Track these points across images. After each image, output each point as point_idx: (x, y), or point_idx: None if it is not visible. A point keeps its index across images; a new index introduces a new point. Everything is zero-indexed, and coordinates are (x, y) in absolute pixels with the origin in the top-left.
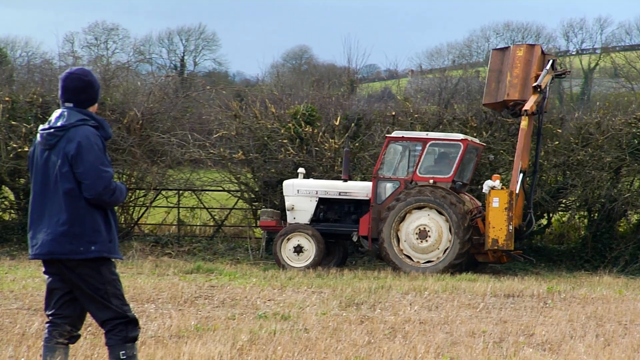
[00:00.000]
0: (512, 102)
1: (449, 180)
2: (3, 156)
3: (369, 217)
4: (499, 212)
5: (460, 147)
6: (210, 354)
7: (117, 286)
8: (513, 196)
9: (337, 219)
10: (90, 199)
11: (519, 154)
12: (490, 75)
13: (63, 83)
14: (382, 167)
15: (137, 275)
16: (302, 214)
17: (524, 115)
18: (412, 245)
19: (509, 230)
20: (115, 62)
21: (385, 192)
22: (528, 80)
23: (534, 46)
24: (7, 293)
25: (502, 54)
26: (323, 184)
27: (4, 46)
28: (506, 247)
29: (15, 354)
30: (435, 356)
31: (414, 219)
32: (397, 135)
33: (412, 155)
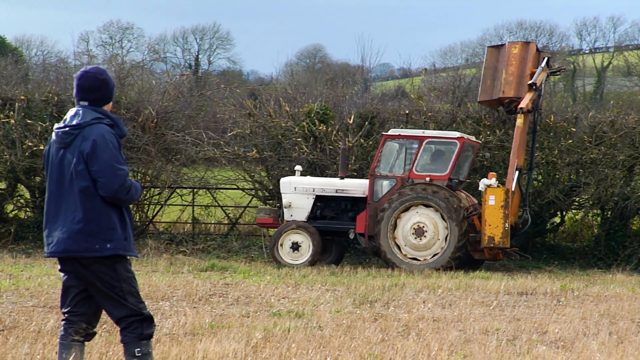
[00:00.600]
0: (508, 99)
1: (446, 178)
2: (19, 155)
3: (366, 214)
4: (495, 209)
5: (457, 145)
6: (225, 352)
7: (133, 284)
8: (509, 194)
9: (334, 217)
10: (106, 197)
11: (515, 151)
12: (486, 72)
13: (78, 82)
14: (378, 165)
15: (152, 273)
16: (299, 211)
17: (519, 113)
18: (409, 242)
19: (505, 228)
20: (130, 61)
21: (382, 190)
22: (523, 77)
23: (529, 43)
24: (22, 291)
25: (497, 52)
26: (320, 181)
27: (19, 45)
28: (502, 245)
29: (31, 352)
30: (449, 354)
31: (411, 217)
32: (393, 133)
33: (409, 153)
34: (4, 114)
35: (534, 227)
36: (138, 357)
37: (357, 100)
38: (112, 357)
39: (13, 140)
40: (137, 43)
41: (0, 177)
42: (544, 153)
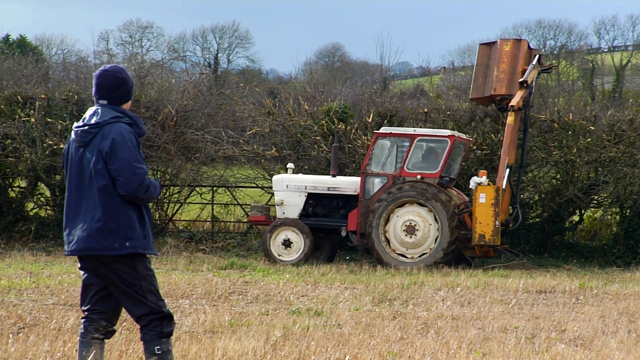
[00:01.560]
0: (499, 96)
1: (437, 176)
2: (39, 153)
3: (358, 212)
4: (486, 207)
5: (448, 142)
6: (244, 349)
7: (152, 282)
8: (500, 192)
9: (326, 214)
10: (125, 195)
11: (506, 149)
12: (478, 69)
13: (97, 80)
14: (370, 163)
15: (171, 271)
16: (292, 209)
17: (510, 111)
18: (400, 240)
19: (495, 225)
20: (150, 60)
21: (374, 188)
22: (515, 75)
23: (520, 41)
24: (43, 289)
25: (489, 49)
26: (312, 179)
27: (40, 44)
28: (493, 243)
29: (52, 349)
30: (468, 352)
31: (402, 215)
32: (385, 131)
33: (400, 151)
34: (25, 113)
35: (552, 225)
36: (158, 355)
37: (376, 98)
38: (132, 354)
39: (33, 139)
40: (156, 42)
41: (21, 176)
42: (562, 151)
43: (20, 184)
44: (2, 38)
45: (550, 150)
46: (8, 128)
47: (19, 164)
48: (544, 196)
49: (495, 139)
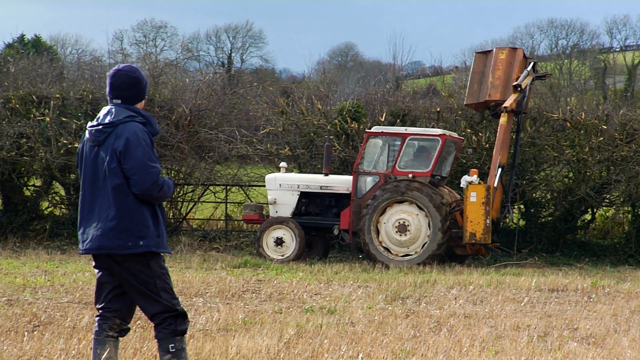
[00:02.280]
0: (494, 102)
1: (428, 175)
2: (54, 152)
3: (350, 211)
4: (477, 206)
5: (439, 141)
6: (258, 347)
7: (166, 280)
8: (490, 191)
9: (319, 213)
10: (139, 194)
11: (498, 149)
12: (473, 77)
13: (111, 80)
14: (362, 162)
15: (185, 269)
16: (284, 208)
17: (503, 112)
18: (392, 238)
19: (486, 224)
20: (164, 60)
21: (366, 186)
22: (509, 82)
23: (516, 49)
24: (58, 287)
25: (485, 57)
26: (304, 178)
27: (54, 44)
28: (483, 241)
29: (66, 347)
30: (480, 350)
31: (394, 213)
32: (376, 130)
33: (392, 150)
34: (40, 112)
35: (565, 224)
36: (172, 353)
37: (389, 98)
38: (146, 352)
39: (48, 138)
40: (170, 41)
41: (36, 175)
42: (575, 150)
43: (35, 183)
44: (17, 38)
45: (562, 149)
46: (23, 127)
47: (33, 163)
48: (556, 195)
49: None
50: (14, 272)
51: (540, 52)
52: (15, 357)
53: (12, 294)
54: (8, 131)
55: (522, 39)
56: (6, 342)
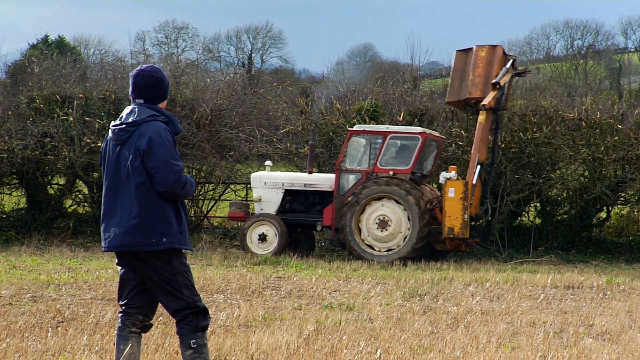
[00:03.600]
0: (474, 99)
1: (408, 172)
2: (77, 151)
3: (332, 207)
4: (455, 201)
5: (419, 139)
6: (278, 343)
7: (188, 277)
8: (468, 186)
9: (303, 210)
10: (162, 191)
11: (477, 146)
12: (454, 74)
13: (133, 80)
14: (344, 160)
15: (206, 266)
16: (269, 205)
17: (482, 110)
18: (373, 234)
19: (464, 219)
20: (185, 60)
21: (348, 184)
22: (489, 79)
23: (495, 47)
24: (81, 283)
25: (465, 55)
26: (289, 176)
27: (78, 45)
28: (462, 236)
29: (90, 343)
30: (497, 346)
31: (375, 209)
32: (358, 128)
33: (373, 148)
34: (63, 112)
35: (580, 222)
36: (194, 349)
37: (407, 97)
38: (168, 348)
39: (72, 137)
40: (191, 42)
41: (60, 173)
42: (590, 149)
43: (59, 182)
44: (41, 39)
45: (578, 148)
46: (47, 127)
47: (57, 162)
48: (571, 193)
49: (524, 137)
50: (38, 269)
51: (556, 52)
52: (40, 352)
53: (37, 291)
54: (32, 130)
55: (538, 39)
56: (31, 338)
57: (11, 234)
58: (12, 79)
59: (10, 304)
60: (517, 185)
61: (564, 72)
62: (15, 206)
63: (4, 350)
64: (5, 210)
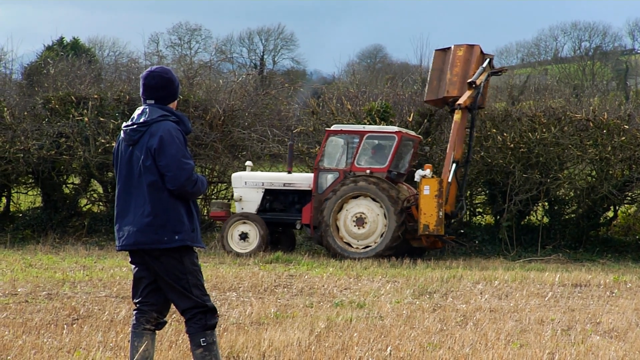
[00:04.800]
0: (452, 98)
1: (385, 170)
2: (92, 151)
3: (311, 206)
4: (430, 199)
5: (395, 139)
6: (290, 340)
7: (198, 277)
8: (443, 184)
9: (283, 209)
10: (173, 190)
11: (452, 145)
12: (433, 73)
13: (144, 81)
14: (322, 159)
15: (219, 265)
16: (250, 204)
17: (457, 109)
18: (350, 232)
19: (439, 216)
20: (198, 61)
21: (326, 183)
22: (467, 78)
23: (473, 46)
24: (96, 281)
25: (443, 54)
26: (269, 175)
27: (93, 46)
28: (437, 232)
29: (104, 340)
30: (506, 343)
31: (352, 207)
32: (336, 128)
33: (351, 148)
34: (78, 112)
35: (587, 221)
36: (204, 347)
37: (416, 98)
38: (181, 345)
39: (87, 137)
40: (204, 44)
41: (75, 173)
42: (597, 149)
43: (74, 181)
44: (56, 40)
45: (585, 148)
46: (62, 127)
47: (72, 162)
48: (579, 193)
49: (533, 137)
50: (53, 267)
51: (564, 53)
52: (55, 349)
53: (52, 288)
54: (48, 131)
55: (547, 40)
56: (46, 335)
57: (27, 232)
58: (28, 80)
59: (26, 302)
60: (526, 185)
61: (571, 73)
62: (31, 205)
63: (20, 347)
64: (22, 209)
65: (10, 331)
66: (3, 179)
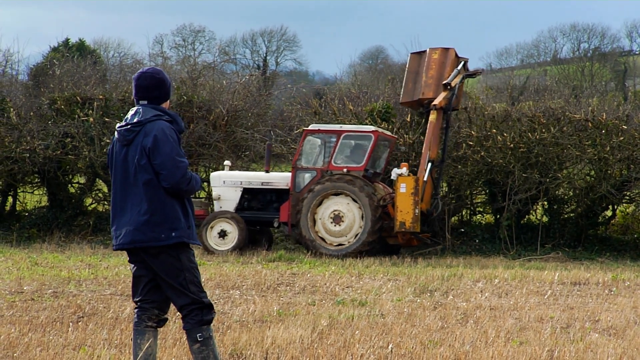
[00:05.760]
0: (427, 100)
1: (361, 169)
2: (97, 151)
3: (289, 204)
4: (406, 196)
5: (371, 138)
6: (292, 338)
7: (195, 274)
8: (419, 182)
9: (261, 208)
10: (168, 187)
11: (428, 145)
12: (408, 76)
13: (137, 82)
14: (300, 158)
15: (222, 263)
16: (228, 203)
17: (432, 110)
18: (328, 229)
19: (415, 213)
20: (202, 62)
21: (304, 181)
22: (442, 80)
23: (448, 49)
24: (101, 280)
25: (419, 57)
26: (247, 175)
27: (98, 47)
28: (413, 229)
29: (109, 337)
30: (505, 340)
31: (329, 205)
32: (313, 128)
33: (328, 147)
34: (84, 113)
35: (586, 220)
36: (200, 342)
37: None
38: (185, 342)
39: (92, 137)
40: (208, 45)
41: (80, 172)
42: (596, 149)
43: (80, 180)
44: (62, 42)
45: (584, 148)
46: (68, 127)
47: (78, 161)
48: (578, 192)
49: (532, 137)
50: (59, 266)
51: (563, 55)
52: (61, 346)
53: (58, 287)
54: (54, 131)
55: (546, 42)
56: (52, 332)
57: (33, 231)
58: (34, 80)
59: (32, 300)
60: (525, 184)
61: (570, 74)
62: (37, 204)
63: (26, 344)
64: (28, 208)
65: (17, 328)
66: (9, 178)
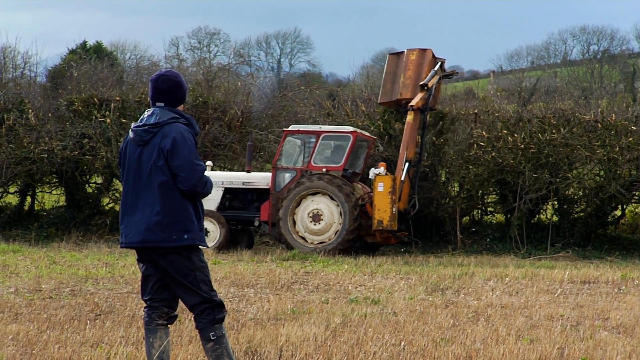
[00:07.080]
0: (405, 100)
1: (340, 169)
2: (114, 151)
3: (269, 204)
4: (384, 195)
5: (350, 138)
6: (306, 335)
7: (206, 273)
8: (397, 181)
9: (242, 207)
10: (185, 190)
11: (405, 145)
12: (387, 77)
13: (154, 84)
14: (280, 159)
15: (237, 262)
16: (210, 202)
17: (409, 110)
18: (307, 227)
19: (392, 212)
20: (217, 64)
21: (284, 181)
22: (419, 81)
23: (425, 50)
24: (118, 278)
25: (397, 58)
26: (228, 175)
27: (114, 50)
28: (390, 227)
29: (126, 335)
30: (516, 338)
31: (308, 204)
32: (293, 128)
33: (307, 147)
34: (101, 114)
35: (596, 219)
36: (214, 340)
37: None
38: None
39: (109, 138)
40: (223, 47)
41: (97, 172)
42: (605, 150)
43: (97, 181)
44: (79, 44)
45: (594, 149)
46: (85, 128)
47: (95, 162)
48: (588, 192)
49: (543, 138)
50: (77, 264)
51: (573, 57)
52: (79, 343)
53: (75, 285)
54: (71, 132)
55: (556, 44)
56: (70, 330)
57: (51, 230)
58: (52, 82)
59: (50, 298)
60: (536, 184)
61: (580, 76)
62: (55, 204)
63: (44, 342)
64: (46, 208)
65: (35, 326)
66: (28, 178)
